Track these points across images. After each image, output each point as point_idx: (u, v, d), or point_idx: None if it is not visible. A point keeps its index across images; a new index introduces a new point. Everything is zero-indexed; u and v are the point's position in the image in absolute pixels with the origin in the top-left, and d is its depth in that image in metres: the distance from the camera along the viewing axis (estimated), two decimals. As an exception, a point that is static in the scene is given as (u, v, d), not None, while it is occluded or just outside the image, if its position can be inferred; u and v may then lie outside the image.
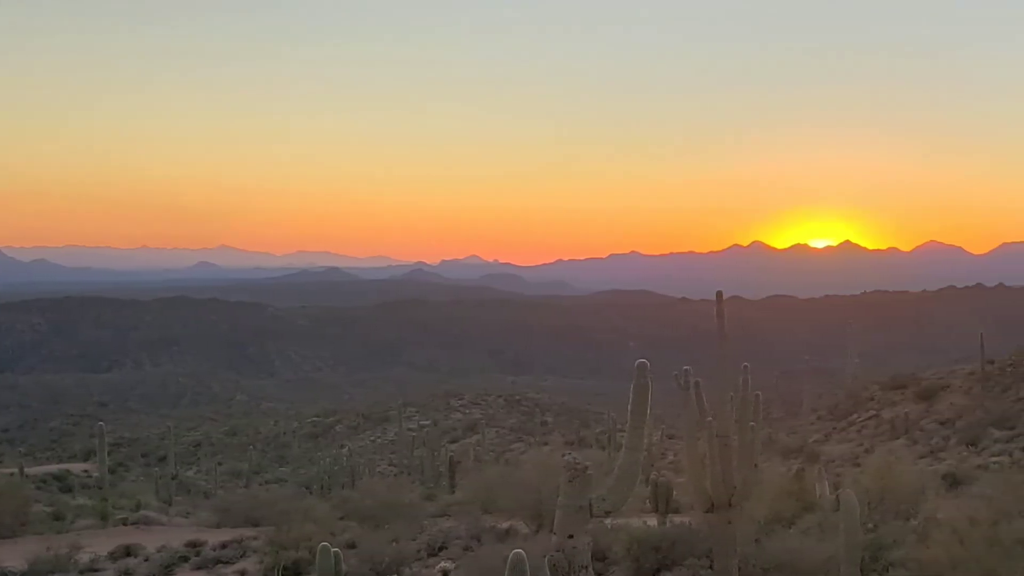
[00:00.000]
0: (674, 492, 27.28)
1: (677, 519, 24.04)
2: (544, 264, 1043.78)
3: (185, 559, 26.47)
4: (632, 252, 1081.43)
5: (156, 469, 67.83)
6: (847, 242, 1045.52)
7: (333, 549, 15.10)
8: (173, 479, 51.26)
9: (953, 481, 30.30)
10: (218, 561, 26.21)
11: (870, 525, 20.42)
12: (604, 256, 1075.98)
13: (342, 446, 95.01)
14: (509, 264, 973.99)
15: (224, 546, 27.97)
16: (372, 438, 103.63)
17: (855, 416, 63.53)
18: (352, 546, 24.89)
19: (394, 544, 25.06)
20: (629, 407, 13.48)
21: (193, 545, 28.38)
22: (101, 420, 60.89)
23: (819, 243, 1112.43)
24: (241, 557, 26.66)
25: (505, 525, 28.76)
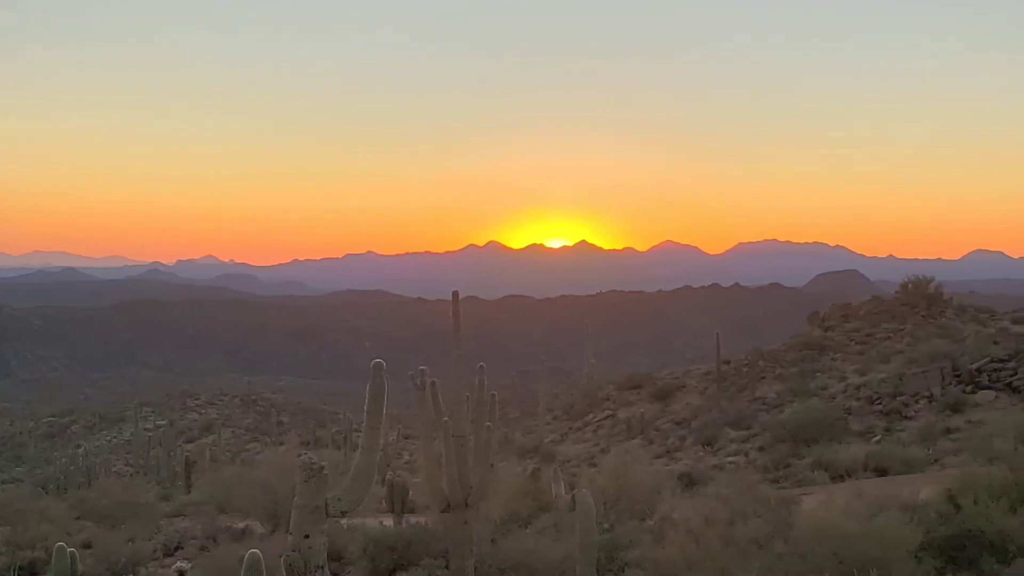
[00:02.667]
0: (410, 492, 27.64)
1: (413, 519, 24.44)
2: (280, 264, 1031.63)
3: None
4: (368, 252, 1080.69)
5: None
6: (583, 242, 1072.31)
7: (69, 549, 15.07)
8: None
9: (689, 481, 31.30)
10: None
11: (606, 525, 20.87)
12: (340, 256, 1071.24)
13: (78, 446, 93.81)
14: (245, 264, 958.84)
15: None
16: (108, 438, 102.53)
17: (591, 416, 64.97)
18: (88, 546, 24.93)
19: (130, 544, 25.19)
20: (365, 407, 13.67)
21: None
22: None
23: (555, 243, 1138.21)
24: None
25: (241, 525, 29.08)
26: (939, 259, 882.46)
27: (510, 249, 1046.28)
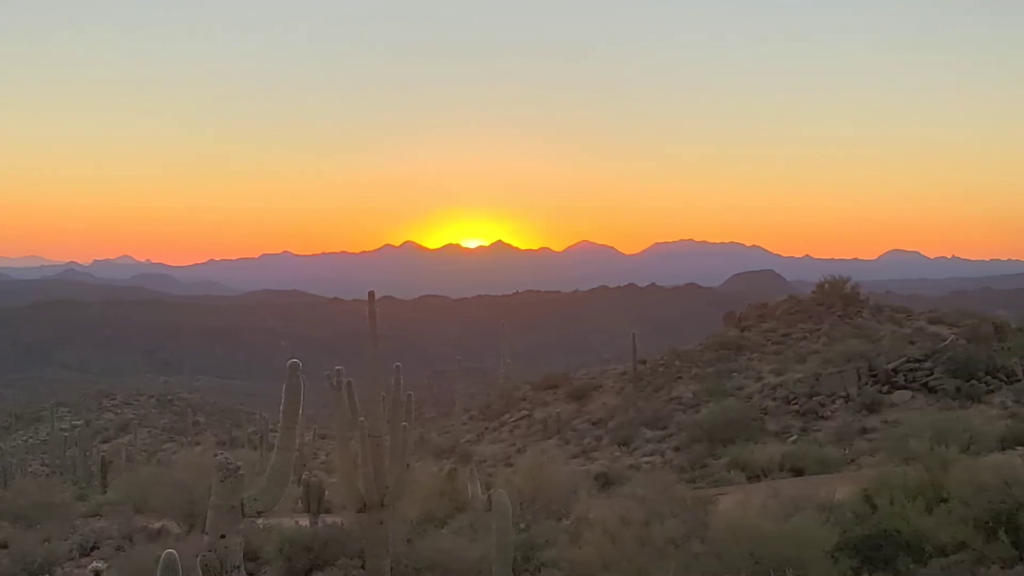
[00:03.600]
0: (326, 492, 27.69)
1: (329, 519, 24.59)
2: (196, 264, 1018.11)
3: None
4: (284, 252, 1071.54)
5: None
6: (499, 242, 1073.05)
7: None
8: None
9: (605, 481, 31.45)
10: None
11: (522, 525, 20.93)
12: (256, 256, 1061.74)
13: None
14: (161, 264, 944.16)
15: None
16: (24, 438, 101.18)
17: (507, 416, 65.00)
18: (4, 546, 24.88)
19: (46, 544, 24.87)
20: (281, 407, 13.86)
21: None
22: None
23: (471, 243, 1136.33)
24: None
25: (157, 525, 28.97)
26: (855, 259, 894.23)
27: (426, 249, 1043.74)
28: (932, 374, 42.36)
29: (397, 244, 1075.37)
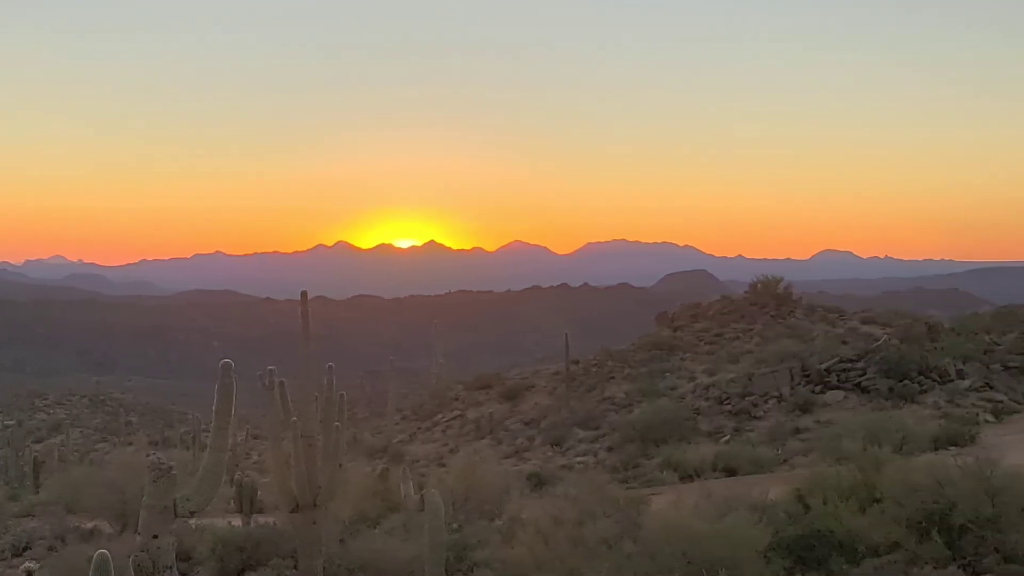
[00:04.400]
0: (259, 492, 27.70)
1: (262, 519, 24.65)
2: (128, 264, 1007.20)
3: None
4: (216, 252, 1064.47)
5: None
6: (432, 242, 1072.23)
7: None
8: None
9: (538, 481, 31.41)
10: None
11: (455, 525, 20.91)
12: (188, 256, 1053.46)
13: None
14: (94, 264, 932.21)
15: None
16: None
17: (440, 416, 64.87)
18: None
19: None
20: (214, 407, 13.89)
21: None
22: None
23: (404, 243, 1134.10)
24: None
25: (90, 525, 28.81)
26: (788, 259, 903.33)
27: (359, 249, 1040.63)
28: (865, 374, 42.69)
29: (330, 244, 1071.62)
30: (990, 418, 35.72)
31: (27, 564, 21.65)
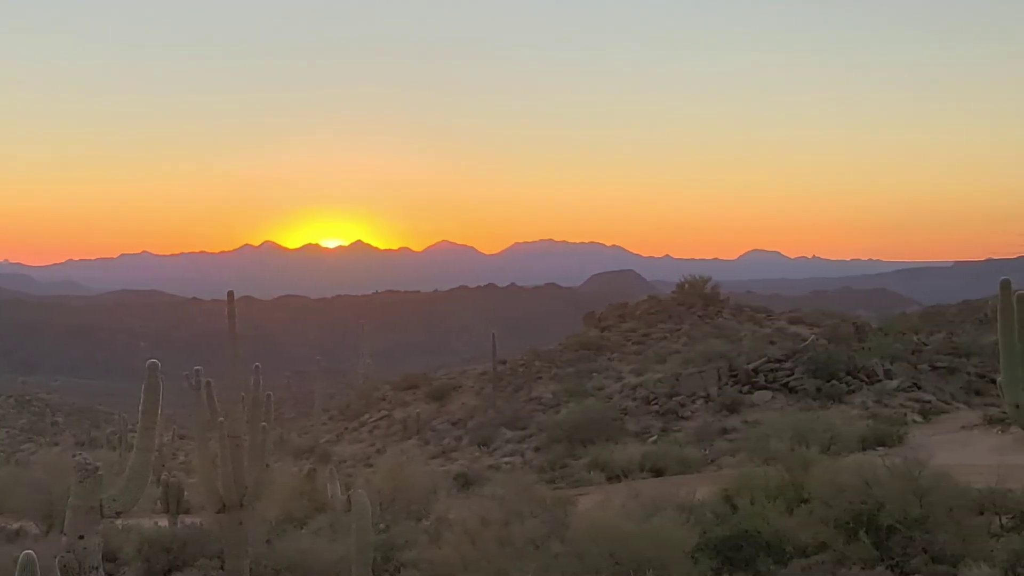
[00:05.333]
0: (185, 493, 27.64)
1: (188, 520, 24.47)
2: (54, 264, 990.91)
3: None
4: (143, 252, 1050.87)
5: None
6: (358, 242, 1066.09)
7: None
8: None
9: (465, 481, 31.39)
10: None
11: (382, 525, 20.87)
12: (115, 256, 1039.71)
13: None
14: (19, 264, 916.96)
15: None
16: None
17: (367, 416, 64.65)
18: None
19: None
20: (140, 407, 13.73)
21: None
22: None
23: (330, 243, 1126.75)
24: None
25: (15, 526, 28.46)
26: (716, 259, 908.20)
27: (285, 249, 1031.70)
28: (793, 374, 43.06)
29: (256, 244, 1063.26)
30: (918, 418, 36.10)
31: (-48, 566, 21.38)
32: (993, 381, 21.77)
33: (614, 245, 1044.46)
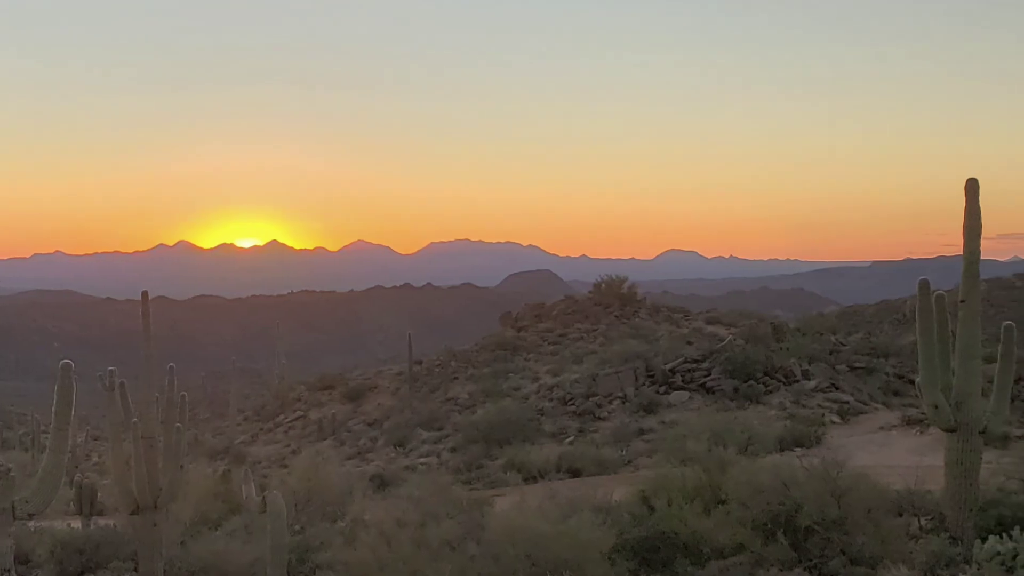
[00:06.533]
0: (99, 494, 27.32)
1: (102, 521, 23.92)
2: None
3: None
4: (56, 252, 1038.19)
5: None
6: (274, 242, 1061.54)
7: None
8: None
9: (381, 482, 31.24)
10: None
11: (297, 527, 20.75)
12: (27, 256, 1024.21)
13: None
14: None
15: None
16: None
17: (282, 417, 64.21)
18: None
19: None
20: (53, 408, 13.76)
21: None
22: None
23: (245, 243, 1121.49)
24: None
25: None
26: (633, 259, 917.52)
27: (200, 249, 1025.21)
28: (710, 375, 43.22)
29: (171, 243, 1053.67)
30: (836, 419, 36.33)
31: None
32: (911, 382, 22.10)
33: (531, 245, 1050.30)
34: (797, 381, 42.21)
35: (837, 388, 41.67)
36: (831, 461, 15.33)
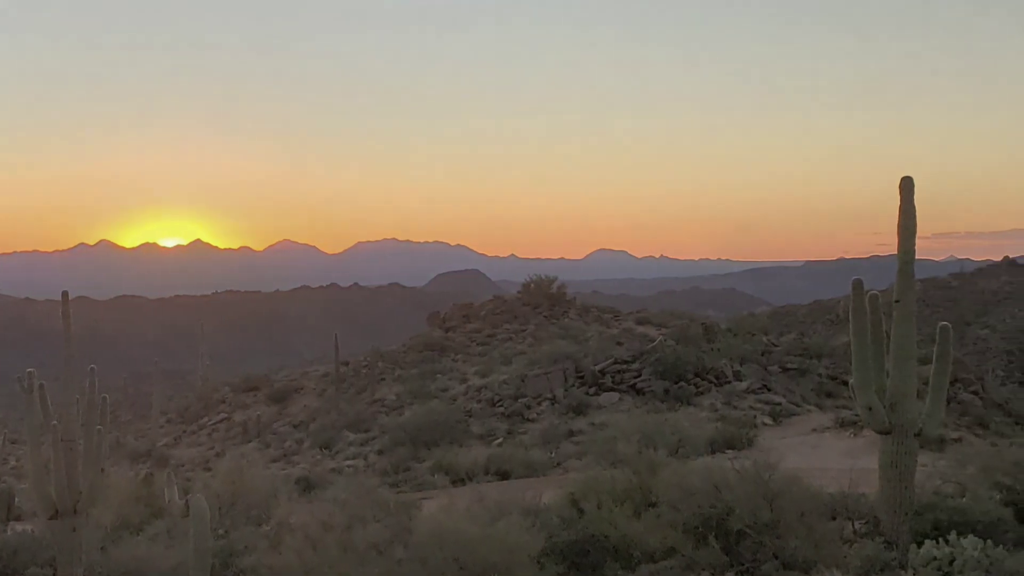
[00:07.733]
0: (16, 498, 27.38)
1: (19, 526, 23.65)
2: None
3: None
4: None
5: None
6: (198, 241, 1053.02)
7: None
8: None
9: (306, 485, 30.95)
10: None
11: (221, 531, 20.55)
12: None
13: None
14: None
15: None
16: None
17: (206, 419, 63.63)
18: None
19: None
20: None
21: None
22: None
23: (169, 242, 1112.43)
24: None
25: None
26: (562, 259, 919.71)
27: (122, 248, 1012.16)
28: (640, 376, 43.34)
29: (92, 243, 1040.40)
30: (768, 420, 36.59)
31: None
32: (845, 383, 22.25)
33: (459, 244, 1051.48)
34: (729, 382, 42.44)
35: (769, 389, 41.96)
36: (763, 463, 15.31)
